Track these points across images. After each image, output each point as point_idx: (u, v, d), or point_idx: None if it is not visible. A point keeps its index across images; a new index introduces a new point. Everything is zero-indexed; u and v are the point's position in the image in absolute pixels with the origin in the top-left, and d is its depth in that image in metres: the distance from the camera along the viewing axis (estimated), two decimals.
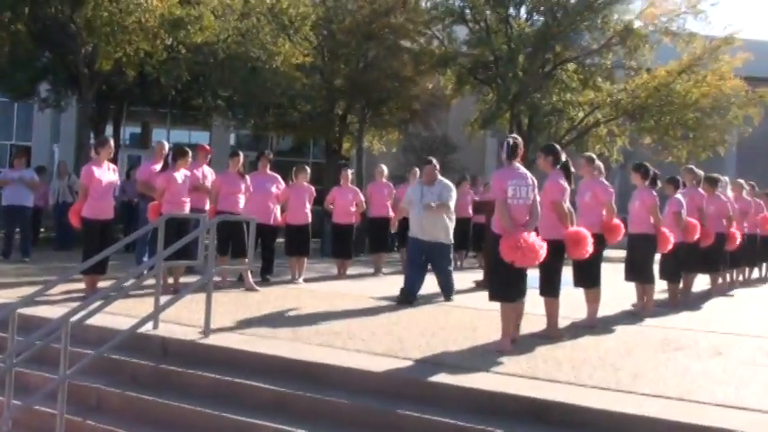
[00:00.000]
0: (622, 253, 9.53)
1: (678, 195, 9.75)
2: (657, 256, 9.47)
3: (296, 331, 7.10)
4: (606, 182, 8.39)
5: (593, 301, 8.06)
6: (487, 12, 22.84)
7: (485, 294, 9.53)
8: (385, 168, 13.18)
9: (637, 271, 8.96)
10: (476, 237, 14.74)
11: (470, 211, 14.21)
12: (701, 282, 11.21)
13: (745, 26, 37.88)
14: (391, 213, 12.73)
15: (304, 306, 8.77)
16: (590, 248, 7.23)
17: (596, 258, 7.79)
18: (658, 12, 22.74)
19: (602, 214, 8.09)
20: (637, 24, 23.06)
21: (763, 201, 13.61)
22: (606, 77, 23.80)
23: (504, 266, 6.51)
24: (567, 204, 7.44)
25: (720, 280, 11.49)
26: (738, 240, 11.23)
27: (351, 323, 7.70)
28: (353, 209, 12.28)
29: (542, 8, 22.95)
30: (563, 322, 7.59)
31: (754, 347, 7.17)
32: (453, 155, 25.65)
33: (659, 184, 9.28)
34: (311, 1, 19.24)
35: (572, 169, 7.48)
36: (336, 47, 20.76)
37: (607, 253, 8.66)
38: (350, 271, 12.48)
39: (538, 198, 6.88)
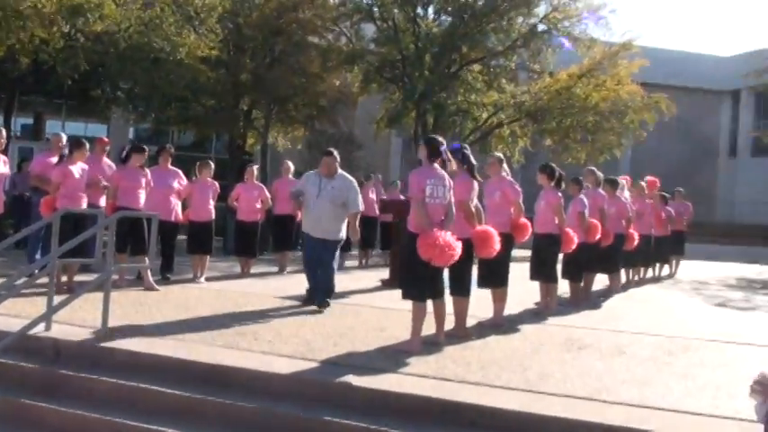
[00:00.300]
0: (527, 252, 9.65)
1: (582, 196, 9.95)
2: (560, 256, 9.64)
3: (199, 332, 6.85)
4: (514, 181, 8.44)
5: (499, 300, 8.12)
6: (395, 10, 22.84)
7: (392, 293, 9.53)
8: (291, 165, 12.99)
9: (541, 270, 9.09)
10: (383, 235, 14.78)
11: (376, 209, 14.22)
12: (599, 281, 11.47)
13: (642, 33, 39.27)
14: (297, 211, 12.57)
15: (207, 306, 8.50)
16: (497, 247, 7.26)
17: (504, 258, 7.85)
18: (561, 16, 23.23)
19: (511, 213, 8.14)
20: (540, 28, 23.53)
21: (659, 202, 14.11)
22: (510, 79, 24.21)
23: (417, 265, 6.48)
24: (475, 203, 7.47)
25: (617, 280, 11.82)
26: (636, 241, 11.58)
27: (256, 324, 7.51)
28: (259, 206, 12.04)
29: (450, 9, 23.11)
30: (469, 321, 7.59)
31: (654, 346, 7.35)
32: (358, 152, 25.59)
33: (563, 185, 9.43)
34: None
35: (474, 162, 7.52)
36: (242, 41, 20.31)
37: (513, 252, 8.72)
38: (253, 270, 12.22)
39: (453, 199, 6.88)
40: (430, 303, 6.77)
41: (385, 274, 12.08)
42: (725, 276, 16.42)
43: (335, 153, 8.98)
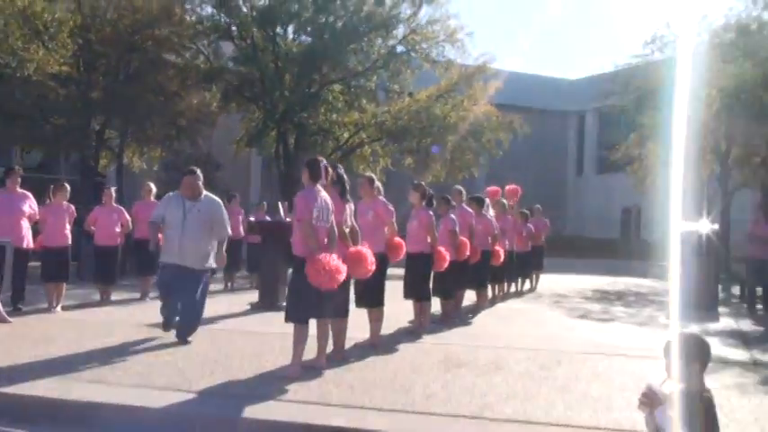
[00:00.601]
0: (399, 271, 9.63)
1: (451, 214, 10.05)
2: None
3: (62, 367, 6.38)
4: (387, 201, 8.40)
5: (376, 320, 8.05)
6: (254, 29, 22.57)
7: (263, 317, 9.32)
8: (153, 186, 12.44)
9: (414, 289, 9.08)
10: (249, 257, 14.49)
11: (242, 231, 13.92)
12: (467, 297, 11.63)
13: (497, 56, 40.72)
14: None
15: (68, 338, 7.96)
16: (372, 267, 7.18)
17: (380, 277, 7.78)
18: (419, 38, 23.69)
19: (385, 233, 8.10)
20: (399, 50, 23.92)
21: (520, 220, 14.55)
22: (371, 99, 24.40)
23: (302, 287, 6.31)
24: (350, 223, 7.38)
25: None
26: (502, 257, 11.85)
27: (124, 355, 7.09)
28: (118, 230, 11.47)
29: (310, 29, 23.07)
30: (346, 342, 7.47)
31: (527, 360, 7.47)
32: (218, 173, 25.06)
33: (434, 203, 9.50)
34: (66, 7, 17.80)
35: (346, 183, 7.47)
36: (94, 58, 19.39)
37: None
38: (114, 296, 11.63)
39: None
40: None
41: (253, 296, 11.78)
42: (581, 289, 17.12)
43: (198, 172, 8.20)
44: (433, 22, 23.73)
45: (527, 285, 15.75)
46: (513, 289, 14.79)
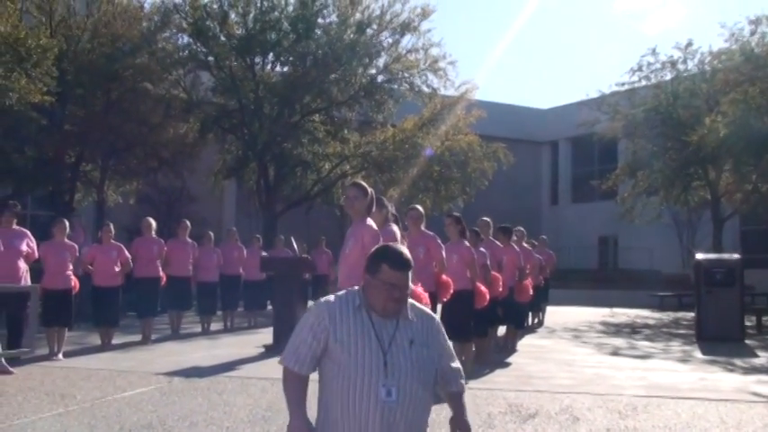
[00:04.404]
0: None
1: (481, 248, 9.45)
2: None
3: (90, 428, 5.60)
4: (436, 236, 7.81)
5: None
6: (232, 59, 21.98)
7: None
8: (153, 222, 11.68)
9: (458, 329, 8.42)
10: (248, 295, 13.77)
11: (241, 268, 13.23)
12: None
13: (478, 85, 40.08)
14: (161, 272, 11.38)
15: (82, 390, 7.17)
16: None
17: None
18: (400, 67, 23.29)
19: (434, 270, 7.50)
20: (380, 79, 23.48)
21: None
22: (355, 129, 23.87)
23: None
24: None
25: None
26: (531, 291, 11.25)
27: (157, 411, 6.30)
28: (118, 269, 10.64)
29: (290, 58, 22.52)
30: None
31: (599, 408, 6.84)
32: (193, 206, 24.26)
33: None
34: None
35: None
36: (67, 87, 18.39)
37: None
38: (114, 340, 10.82)
39: None
40: None
41: (261, 337, 11.07)
42: (588, 321, 16.56)
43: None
44: (415, 50, 23.43)
45: (535, 320, 15.19)
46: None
